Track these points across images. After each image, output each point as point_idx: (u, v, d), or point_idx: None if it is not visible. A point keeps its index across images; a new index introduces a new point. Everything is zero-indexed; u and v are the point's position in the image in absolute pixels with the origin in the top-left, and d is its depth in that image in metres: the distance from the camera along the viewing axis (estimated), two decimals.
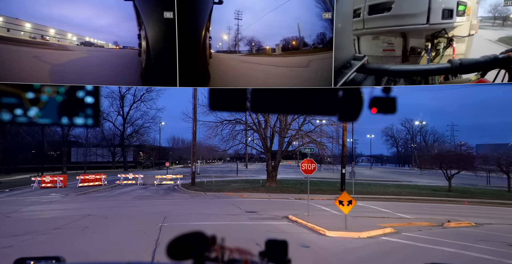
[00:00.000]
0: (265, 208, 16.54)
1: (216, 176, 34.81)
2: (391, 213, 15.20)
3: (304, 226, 11.76)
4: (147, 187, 27.30)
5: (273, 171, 26.45)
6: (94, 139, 62.17)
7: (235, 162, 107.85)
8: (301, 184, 28.52)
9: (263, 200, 20.38)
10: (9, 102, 1.74)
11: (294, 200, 20.27)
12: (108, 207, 16.89)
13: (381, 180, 36.03)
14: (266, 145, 26.39)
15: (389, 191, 23.81)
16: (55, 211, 15.39)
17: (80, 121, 1.81)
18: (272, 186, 25.86)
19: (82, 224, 11.86)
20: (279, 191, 23.99)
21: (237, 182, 30.85)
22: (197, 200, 20.34)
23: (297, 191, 24.13)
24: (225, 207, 16.73)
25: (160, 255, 7.57)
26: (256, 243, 7.45)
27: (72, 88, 1.88)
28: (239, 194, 22.61)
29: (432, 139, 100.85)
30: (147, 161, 69.70)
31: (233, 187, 26.32)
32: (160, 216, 13.49)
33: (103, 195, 22.36)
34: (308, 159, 13.93)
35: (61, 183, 26.62)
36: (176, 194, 23.12)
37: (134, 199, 20.50)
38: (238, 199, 20.77)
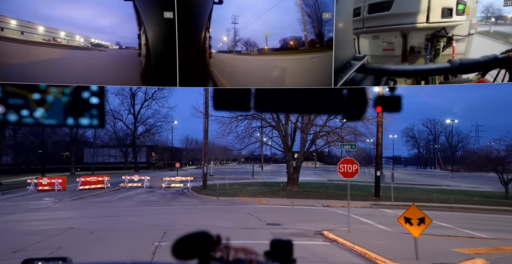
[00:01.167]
0: (290, 219, 13.48)
1: (230, 178, 31.89)
2: (454, 228, 11.88)
3: (350, 250, 8.62)
4: (154, 191, 24.52)
5: (295, 173, 23.31)
6: (107, 139, 60.33)
7: (249, 163, 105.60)
8: (326, 188, 25.27)
9: (285, 207, 17.29)
10: (15, 103, 1.69)
11: (322, 208, 17.11)
12: (101, 216, 14.09)
13: (415, 183, 32.31)
14: (287, 143, 23.27)
15: (432, 197, 20.34)
16: (35, 222, 12.64)
17: (86, 122, 1.76)
18: (294, 190, 22.72)
19: (55, 243, 9.01)
20: (302, 196, 20.86)
21: (254, 185, 27.79)
22: (208, 207, 17.39)
23: (323, 196, 20.93)
24: (241, 217, 13.72)
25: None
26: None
27: (78, 89, 1.82)
28: (256, 200, 19.58)
29: (456, 140, 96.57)
30: (160, 162, 67.42)
31: (249, 191, 23.30)
32: (159, 230, 10.57)
33: (102, 200, 19.64)
34: (348, 158, 10.78)
35: (60, 185, 24.10)
36: (184, 199, 20.24)
37: (136, 205, 17.70)
38: (255, 205, 17.74)
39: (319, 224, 12.31)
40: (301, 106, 2.17)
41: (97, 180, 25.50)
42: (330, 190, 24.00)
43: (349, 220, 10.77)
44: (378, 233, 10.76)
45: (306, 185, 26.43)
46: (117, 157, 64.18)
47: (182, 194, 22.82)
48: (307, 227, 11.64)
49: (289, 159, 23.30)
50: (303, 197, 20.62)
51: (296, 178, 23.46)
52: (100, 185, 25.42)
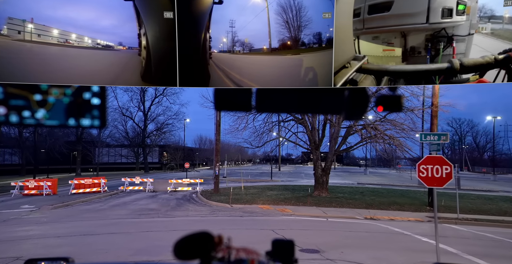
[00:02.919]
0: (331, 240, 9.63)
1: (245, 180, 28.14)
2: None
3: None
4: (157, 196, 20.96)
5: (324, 175, 19.36)
6: (117, 138, 57.63)
7: (265, 163, 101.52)
8: (362, 194, 21.19)
9: (317, 220, 13.42)
10: (17, 104, 1.69)
11: (366, 222, 13.15)
12: (74, 234, 10.51)
13: (464, 189, 27.76)
14: (314, 140, 19.36)
15: (504, 208, 16.12)
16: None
17: (87, 123, 1.74)
18: (323, 197, 18.79)
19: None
20: (334, 204, 16.93)
21: (274, 188, 23.94)
22: (219, 218, 13.66)
23: (361, 204, 16.92)
24: (261, 235, 9.91)
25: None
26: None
27: (79, 90, 1.79)
28: (279, 208, 15.76)
29: (484, 140, 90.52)
30: (172, 162, 64.30)
31: (269, 196, 19.49)
32: (143, 261, 6.89)
33: (90, 209, 16.14)
34: (436, 156, 6.82)
35: (49, 189, 20.80)
36: (191, 207, 16.57)
37: (129, 215, 14.13)
38: (279, 217, 13.93)
39: (380, 252, 8.41)
40: (303, 106, 2.11)
41: (92, 183, 22.08)
42: (367, 196, 19.92)
43: (437, 251, 6.80)
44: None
45: (336, 190, 22.42)
46: (129, 157, 61.59)
47: (190, 200, 19.19)
48: (363, 258, 7.77)
49: (317, 159, 19.37)
50: (336, 205, 16.69)
51: (325, 181, 19.51)
52: (96, 188, 22.03)
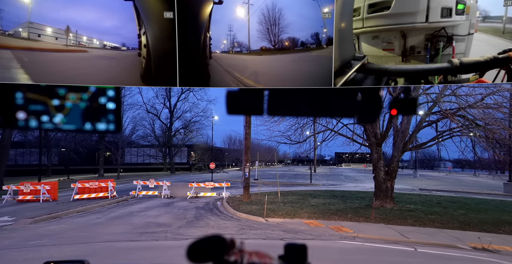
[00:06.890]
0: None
1: (281, 184, 23.72)
2: None
3: None
4: (173, 203, 17.00)
5: (388, 180, 14.58)
6: (142, 136, 55.24)
7: (296, 165, 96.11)
8: (440, 205, 16.13)
9: (400, 250, 8.78)
10: (36, 109, 1.73)
11: (479, 255, 8.35)
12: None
13: None
14: (375, 132, 14.64)
15: None
16: None
17: (102, 127, 1.78)
18: (389, 209, 14.06)
19: None
20: (410, 220, 12.17)
21: (318, 195, 19.34)
22: (250, 243, 9.30)
23: (450, 222, 11.99)
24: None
25: None
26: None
27: (95, 94, 1.79)
28: (333, 226, 11.28)
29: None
30: (200, 163, 61.02)
31: (314, 207, 14.99)
32: None
33: (82, 223, 12.33)
34: None
35: (47, 194, 17.37)
36: (212, 222, 12.40)
37: (127, 234, 10.15)
38: (337, 242, 9.42)
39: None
40: (318, 108, 1.96)
41: (98, 186, 18.49)
42: (452, 209, 14.81)
43: None
44: None
45: (401, 198, 17.51)
46: (158, 157, 59.10)
47: (212, 210, 15.06)
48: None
49: (379, 158, 14.63)
50: (414, 222, 11.93)
51: (390, 188, 14.71)
52: (102, 193, 18.41)
